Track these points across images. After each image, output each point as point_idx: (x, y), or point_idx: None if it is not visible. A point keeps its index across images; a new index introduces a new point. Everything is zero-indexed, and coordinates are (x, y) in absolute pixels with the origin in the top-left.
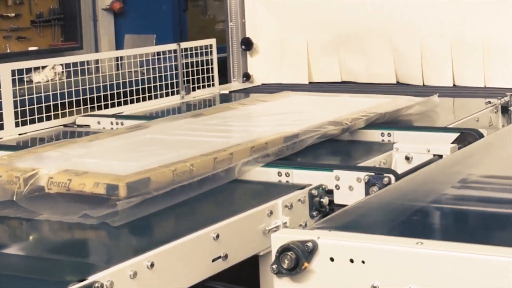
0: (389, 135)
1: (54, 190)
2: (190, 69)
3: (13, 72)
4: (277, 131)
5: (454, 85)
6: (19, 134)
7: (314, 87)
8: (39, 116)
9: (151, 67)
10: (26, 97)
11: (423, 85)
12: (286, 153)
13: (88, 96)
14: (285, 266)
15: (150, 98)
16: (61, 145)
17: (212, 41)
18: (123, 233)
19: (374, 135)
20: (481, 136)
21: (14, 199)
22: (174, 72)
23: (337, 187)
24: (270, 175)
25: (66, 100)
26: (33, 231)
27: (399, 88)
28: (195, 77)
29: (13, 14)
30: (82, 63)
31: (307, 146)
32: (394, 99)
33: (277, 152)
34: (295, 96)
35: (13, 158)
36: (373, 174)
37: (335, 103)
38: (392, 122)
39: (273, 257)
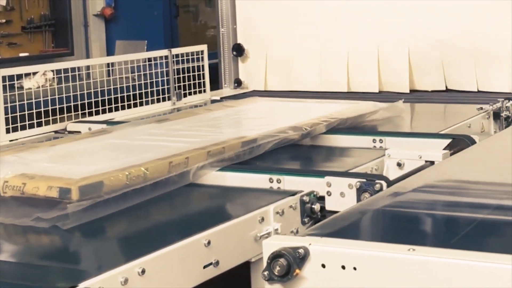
0: (380, 141)
1: (9, 193)
2: (181, 75)
3: (3, 78)
4: (237, 135)
5: (446, 88)
6: (10, 141)
7: (302, 94)
8: (30, 122)
9: (142, 73)
10: (17, 103)
11: (413, 91)
12: (244, 158)
13: (79, 102)
14: (276, 272)
15: (141, 104)
16: (22, 150)
17: (204, 47)
18: (116, 239)
19: (365, 141)
20: (473, 142)
21: None
22: (165, 78)
23: (329, 193)
24: (261, 181)
25: (57, 107)
26: (19, 237)
27: (384, 95)
28: (187, 83)
29: (3, 20)
30: (73, 69)
31: (297, 152)
32: (358, 105)
33: (234, 157)
34: (262, 102)
35: None
36: (364, 180)
37: (299, 109)
38: (380, 128)
39: (265, 264)
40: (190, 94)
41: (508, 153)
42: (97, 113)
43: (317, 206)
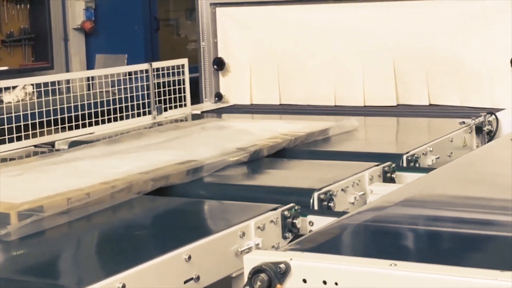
0: None
1: None
2: (162, 89)
3: None
4: (182, 159)
5: (430, 104)
6: None
7: (284, 108)
8: (9, 136)
9: (122, 87)
10: None
11: (397, 105)
12: (187, 180)
13: (59, 117)
14: (257, 287)
15: (121, 118)
16: None
17: (184, 61)
18: (96, 254)
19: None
20: None
21: None
22: (145, 92)
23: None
24: None
25: (37, 121)
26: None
27: (366, 109)
28: (167, 97)
29: None
30: (53, 83)
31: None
32: (309, 124)
33: (177, 181)
34: (213, 122)
35: None
36: None
37: (247, 130)
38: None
39: (246, 279)
40: (170, 108)
41: (488, 168)
42: (77, 127)
43: (298, 221)
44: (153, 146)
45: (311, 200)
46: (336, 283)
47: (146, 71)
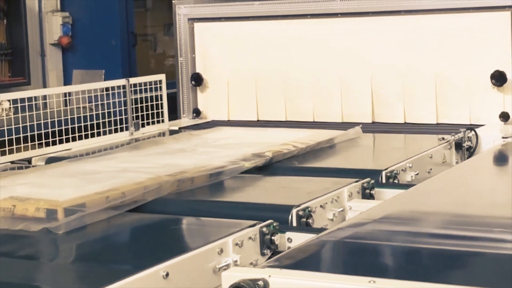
0: None
1: (1, 215)
2: (139, 105)
3: None
4: (204, 163)
5: (406, 122)
6: None
7: (262, 124)
8: None
9: (99, 103)
10: None
11: (372, 122)
12: (210, 183)
13: (35, 133)
14: None
15: (99, 134)
16: (6, 176)
17: (162, 77)
18: (73, 270)
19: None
20: None
21: None
22: (123, 108)
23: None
24: None
25: (14, 137)
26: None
27: (346, 126)
28: (145, 113)
29: None
30: (29, 99)
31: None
32: (315, 133)
33: (200, 184)
34: (226, 130)
35: None
36: None
37: (261, 137)
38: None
39: None
40: (148, 124)
41: (468, 185)
42: (54, 143)
43: (276, 237)
44: (173, 152)
45: (290, 217)
46: None
47: (124, 86)
